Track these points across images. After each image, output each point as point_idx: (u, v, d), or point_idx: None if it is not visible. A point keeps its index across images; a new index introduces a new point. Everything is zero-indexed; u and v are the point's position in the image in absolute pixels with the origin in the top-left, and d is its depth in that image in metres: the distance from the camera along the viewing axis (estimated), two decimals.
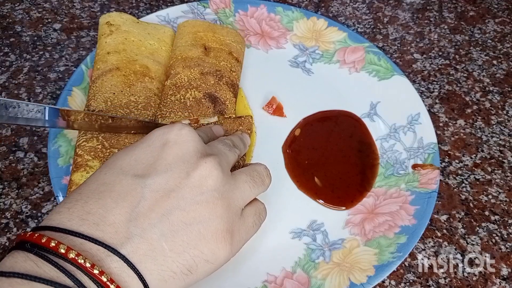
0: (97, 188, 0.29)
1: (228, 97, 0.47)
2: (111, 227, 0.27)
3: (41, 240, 0.25)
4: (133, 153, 0.31)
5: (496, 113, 0.57)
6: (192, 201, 0.29)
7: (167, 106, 0.45)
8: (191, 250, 0.29)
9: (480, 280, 0.44)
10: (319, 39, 0.58)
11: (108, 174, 0.30)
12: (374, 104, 0.54)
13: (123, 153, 0.32)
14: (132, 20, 0.51)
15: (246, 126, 0.46)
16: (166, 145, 0.31)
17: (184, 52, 0.49)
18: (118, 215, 0.28)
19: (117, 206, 0.28)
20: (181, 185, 0.30)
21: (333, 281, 0.40)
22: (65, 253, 0.25)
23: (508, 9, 0.69)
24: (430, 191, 0.45)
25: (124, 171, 0.30)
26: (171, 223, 0.29)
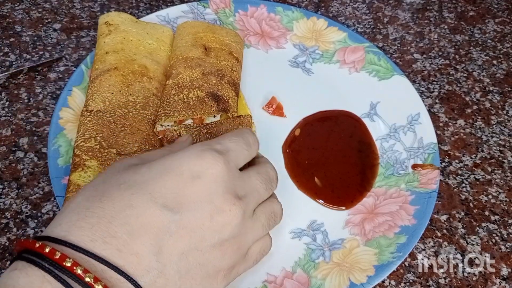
0: (123, 209, 0.27)
1: (231, 96, 0.47)
2: (134, 257, 0.26)
3: (63, 263, 0.24)
4: (163, 180, 0.29)
5: (496, 113, 0.57)
6: (210, 244, 0.29)
7: (170, 105, 0.45)
8: (197, 286, 0.29)
9: (480, 280, 0.44)
10: (319, 39, 0.58)
11: (135, 197, 0.28)
12: (374, 104, 0.54)
13: (153, 174, 0.30)
14: (130, 20, 0.51)
15: (246, 125, 0.46)
16: (196, 179, 0.29)
17: (184, 52, 0.49)
18: (142, 246, 0.27)
19: (142, 236, 0.27)
20: (204, 227, 0.29)
21: (333, 281, 0.40)
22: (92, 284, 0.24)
23: (508, 9, 0.69)
24: (430, 191, 0.45)
25: (153, 198, 0.28)
26: (188, 262, 0.29)
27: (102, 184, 0.29)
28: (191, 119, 0.45)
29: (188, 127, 0.44)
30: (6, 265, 0.41)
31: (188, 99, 0.45)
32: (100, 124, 0.43)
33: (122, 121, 0.44)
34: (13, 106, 0.52)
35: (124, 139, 0.43)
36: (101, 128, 0.43)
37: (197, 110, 0.45)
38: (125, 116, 0.44)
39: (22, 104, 0.52)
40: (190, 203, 0.29)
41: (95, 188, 0.29)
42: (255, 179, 0.34)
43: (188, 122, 0.45)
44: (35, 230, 0.44)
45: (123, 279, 0.26)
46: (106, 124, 0.43)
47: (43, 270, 0.24)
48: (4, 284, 0.24)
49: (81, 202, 0.28)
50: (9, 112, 0.52)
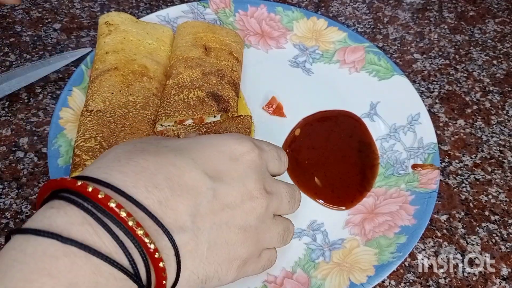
0: (166, 166, 0.27)
1: (231, 96, 0.47)
2: (172, 212, 0.26)
3: (108, 203, 0.23)
4: (206, 151, 0.30)
5: (496, 113, 0.57)
6: (237, 225, 0.30)
7: (171, 105, 0.45)
8: (217, 266, 0.29)
9: (480, 280, 0.44)
10: (319, 39, 0.58)
11: (178, 158, 0.28)
12: (374, 104, 0.54)
13: (195, 145, 0.30)
14: (131, 20, 0.51)
15: (245, 125, 0.46)
16: (233, 161, 0.30)
17: (185, 52, 0.49)
18: (181, 204, 0.27)
19: (183, 194, 0.27)
20: (235, 205, 0.30)
21: (333, 281, 0.40)
22: (133, 228, 0.23)
23: (508, 9, 0.69)
24: (430, 191, 0.45)
25: (196, 163, 0.28)
26: (217, 235, 0.29)
27: (141, 144, 0.29)
28: (191, 119, 0.45)
29: (187, 127, 0.44)
30: None
31: (188, 99, 0.45)
32: (100, 124, 0.43)
33: (122, 121, 0.44)
34: (13, 106, 0.52)
35: (125, 139, 0.43)
36: (101, 128, 0.43)
37: (197, 110, 0.45)
38: (125, 116, 0.44)
39: (22, 104, 0.52)
40: (227, 178, 0.29)
41: (134, 145, 0.28)
42: (282, 188, 0.35)
43: (188, 122, 0.45)
44: None
45: (160, 231, 0.25)
46: (106, 124, 0.43)
47: (84, 211, 0.23)
48: (40, 222, 0.23)
49: (121, 153, 0.27)
50: (9, 112, 0.52)
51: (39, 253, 0.22)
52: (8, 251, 0.22)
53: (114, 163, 0.26)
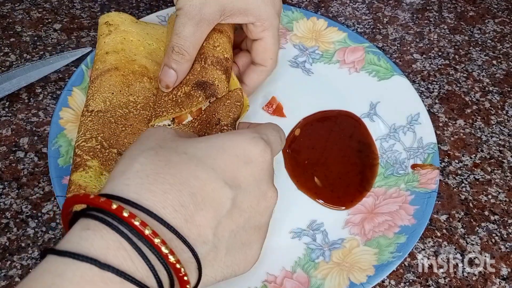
0: (189, 179, 0.27)
1: (216, 76, 0.44)
2: (196, 228, 0.27)
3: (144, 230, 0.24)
4: (223, 156, 0.30)
5: (496, 113, 0.57)
6: (253, 226, 0.31)
7: (161, 106, 0.43)
8: (235, 266, 0.31)
9: (480, 280, 0.44)
10: (319, 39, 0.58)
11: (200, 168, 0.28)
12: (374, 104, 0.54)
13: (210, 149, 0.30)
14: (131, 20, 0.51)
15: (235, 99, 0.43)
16: (248, 164, 0.31)
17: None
18: (204, 218, 0.27)
19: (205, 208, 0.27)
20: (251, 209, 0.31)
21: (333, 281, 0.40)
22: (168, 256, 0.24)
23: (508, 9, 0.69)
24: (429, 191, 0.45)
25: (216, 172, 0.29)
26: (235, 241, 0.30)
27: (161, 149, 0.29)
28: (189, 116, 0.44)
29: (181, 127, 0.43)
30: (7, 264, 0.42)
31: (176, 97, 0.43)
32: (101, 124, 0.43)
33: (123, 121, 0.44)
34: (13, 106, 0.52)
35: (125, 139, 0.43)
36: (102, 128, 0.43)
37: (184, 105, 0.43)
38: (125, 116, 0.44)
39: (22, 104, 0.52)
40: (244, 184, 0.30)
41: (156, 152, 0.29)
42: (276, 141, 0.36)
43: (187, 120, 0.44)
44: (35, 230, 0.44)
45: (186, 249, 0.26)
46: (107, 124, 0.43)
47: (119, 235, 0.24)
48: (77, 244, 0.23)
49: (146, 164, 0.27)
50: (9, 112, 0.52)
51: (77, 278, 0.22)
52: (45, 274, 0.23)
53: (142, 179, 0.26)
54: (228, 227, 0.29)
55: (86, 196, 0.25)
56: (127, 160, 0.28)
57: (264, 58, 0.47)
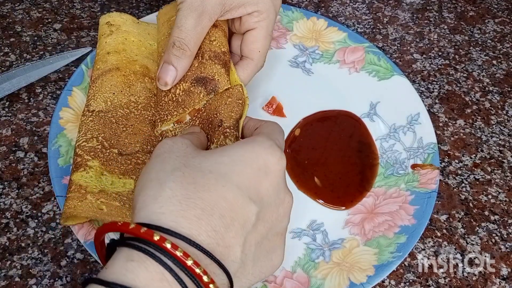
0: (218, 201, 0.28)
1: (216, 70, 0.43)
2: (227, 249, 0.28)
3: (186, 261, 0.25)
4: (246, 171, 0.30)
5: (496, 113, 0.57)
6: (275, 233, 0.32)
7: (163, 108, 0.43)
8: (261, 274, 0.32)
9: (480, 280, 0.44)
10: (319, 39, 0.58)
11: (227, 189, 0.29)
12: (374, 104, 0.54)
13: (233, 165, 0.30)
14: (132, 20, 0.51)
15: (236, 97, 0.42)
16: (268, 175, 0.31)
17: (165, 45, 0.45)
18: (233, 238, 0.28)
19: (234, 227, 0.28)
20: (273, 218, 0.32)
21: (333, 281, 0.40)
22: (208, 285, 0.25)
23: (508, 9, 0.69)
24: (429, 191, 0.45)
25: (241, 189, 0.29)
26: (260, 251, 0.31)
27: (186, 169, 0.29)
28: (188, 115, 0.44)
29: (182, 126, 0.43)
30: (7, 264, 0.42)
31: (176, 96, 0.42)
32: (101, 124, 0.43)
33: (123, 122, 0.44)
34: (13, 106, 0.52)
35: (126, 139, 0.43)
36: (102, 128, 0.43)
37: (186, 105, 0.42)
38: (126, 116, 0.44)
39: (22, 104, 0.52)
40: (266, 197, 0.31)
41: (183, 173, 0.29)
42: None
43: (187, 120, 0.44)
44: (35, 230, 0.44)
45: (220, 272, 0.27)
46: (108, 124, 0.43)
47: (162, 266, 0.24)
48: (123, 276, 0.24)
49: (176, 188, 0.28)
50: (9, 112, 0.52)
51: None
52: None
53: (176, 206, 0.27)
54: (254, 241, 0.30)
55: (126, 225, 0.26)
56: (155, 184, 0.29)
57: (252, 49, 0.45)
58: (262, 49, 0.46)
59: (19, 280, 0.41)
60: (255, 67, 0.46)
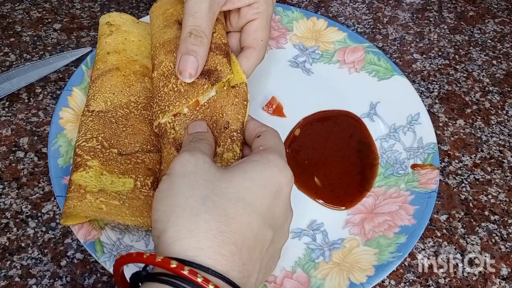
0: (246, 232, 0.30)
1: (218, 61, 0.42)
2: (249, 278, 0.30)
3: None
4: (266, 199, 0.32)
5: (496, 113, 0.57)
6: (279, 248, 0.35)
7: (163, 100, 0.41)
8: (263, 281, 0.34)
9: (480, 280, 0.44)
10: (319, 39, 0.58)
11: (252, 218, 0.30)
12: (373, 104, 0.54)
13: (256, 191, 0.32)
14: (132, 21, 0.51)
15: (242, 97, 0.42)
16: (280, 196, 0.33)
17: (160, 37, 0.45)
18: (254, 267, 0.30)
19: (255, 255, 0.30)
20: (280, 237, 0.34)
21: (332, 281, 0.40)
22: None
23: (508, 9, 0.69)
24: (429, 191, 0.45)
25: (263, 217, 0.31)
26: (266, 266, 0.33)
27: (215, 197, 0.30)
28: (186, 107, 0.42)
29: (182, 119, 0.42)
30: (7, 264, 0.42)
31: (178, 86, 0.41)
32: (101, 124, 0.43)
33: (123, 122, 0.44)
34: (13, 106, 0.52)
35: (126, 139, 0.43)
36: (102, 128, 0.43)
37: (189, 95, 0.41)
38: (126, 116, 0.44)
39: (22, 104, 0.52)
40: (278, 220, 0.33)
41: (213, 203, 0.30)
42: None
43: (185, 112, 0.42)
44: (35, 230, 0.44)
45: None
46: (108, 124, 0.43)
47: None
48: None
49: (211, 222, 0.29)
50: (9, 112, 0.52)
51: None
52: None
53: (212, 242, 0.28)
54: (264, 262, 0.32)
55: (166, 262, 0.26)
56: (188, 213, 0.29)
57: (255, 38, 0.45)
58: (264, 39, 0.46)
59: (19, 280, 0.41)
60: (258, 56, 0.46)
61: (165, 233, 0.29)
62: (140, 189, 0.40)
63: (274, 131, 0.39)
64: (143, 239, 0.41)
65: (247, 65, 0.45)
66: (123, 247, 0.40)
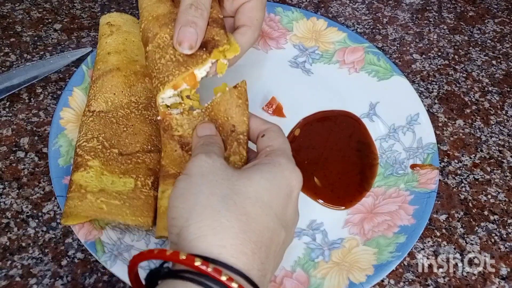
0: (264, 232, 0.30)
1: (215, 33, 0.41)
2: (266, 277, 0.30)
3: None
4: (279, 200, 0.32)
5: (495, 113, 0.57)
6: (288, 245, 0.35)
7: (162, 72, 0.40)
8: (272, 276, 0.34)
9: (479, 280, 0.44)
10: (319, 39, 0.58)
11: (269, 219, 0.31)
12: (373, 104, 0.54)
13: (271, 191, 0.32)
14: (132, 21, 0.51)
15: (243, 95, 0.41)
16: (291, 198, 0.33)
17: (152, 11, 0.43)
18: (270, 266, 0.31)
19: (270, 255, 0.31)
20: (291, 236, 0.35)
21: (332, 281, 0.40)
22: None
23: (507, 9, 0.69)
24: (429, 191, 0.45)
25: (278, 218, 0.32)
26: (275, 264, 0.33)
27: (236, 197, 0.31)
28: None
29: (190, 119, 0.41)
30: (7, 264, 0.42)
31: (176, 57, 0.40)
32: (102, 125, 0.43)
33: (124, 122, 0.44)
34: (14, 106, 0.52)
35: (126, 139, 0.43)
36: (103, 129, 0.43)
37: (189, 64, 0.39)
38: (127, 116, 0.44)
39: (23, 104, 0.53)
40: (290, 221, 0.34)
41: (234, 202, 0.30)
42: None
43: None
44: (36, 230, 0.44)
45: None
46: (109, 124, 0.43)
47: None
48: None
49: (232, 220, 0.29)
50: (10, 112, 0.52)
51: None
52: None
53: (234, 240, 0.29)
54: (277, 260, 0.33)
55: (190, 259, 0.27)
56: (210, 211, 0.30)
57: (250, 17, 0.45)
58: (259, 19, 0.45)
59: (19, 279, 0.41)
60: (253, 35, 0.45)
61: (187, 229, 0.29)
62: (140, 189, 0.41)
63: (278, 128, 0.39)
64: (144, 239, 0.41)
65: (243, 40, 0.44)
66: (123, 246, 0.40)
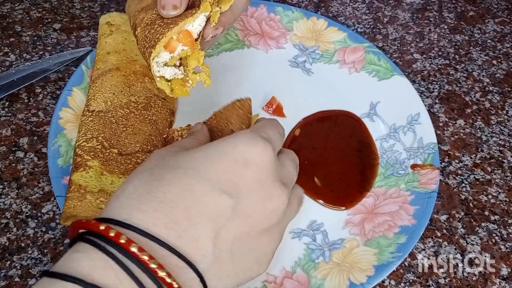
0: (183, 194, 0.27)
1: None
2: (193, 242, 0.27)
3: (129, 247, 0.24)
4: (219, 163, 0.29)
5: (496, 113, 0.57)
6: (260, 229, 0.30)
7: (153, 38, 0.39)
8: (247, 271, 0.30)
9: (480, 280, 0.44)
10: (319, 39, 0.58)
11: (194, 180, 0.28)
12: (374, 104, 0.54)
13: (206, 158, 0.29)
14: None
15: (246, 109, 0.42)
16: (247, 165, 0.30)
17: (137, 7, 0.43)
18: (202, 232, 0.27)
19: (202, 221, 0.27)
20: (256, 213, 0.30)
21: (333, 281, 0.40)
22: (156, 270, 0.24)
23: (508, 9, 0.69)
24: (430, 191, 0.45)
25: (211, 182, 0.28)
26: (240, 248, 0.29)
27: (157, 169, 0.29)
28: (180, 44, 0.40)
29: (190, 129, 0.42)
30: (7, 264, 0.42)
31: (164, 23, 0.39)
32: (101, 124, 0.43)
33: (123, 122, 0.44)
34: (13, 106, 0.52)
35: (126, 139, 0.43)
36: (102, 128, 0.43)
37: (178, 20, 0.39)
38: (126, 116, 0.44)
39: (22, 104, 0.52)
40: (245, 189, 0.29)
41: (151, 172, 0.29)
42: (289, 165, 0.34)
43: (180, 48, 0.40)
44: (35, 230, 0.44)
45: (183, 265, 0.26)
46: (108, 124, 0.43)
47: (107, 255, 0.24)
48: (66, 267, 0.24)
49: (139, 185, 0.28)
50: (9, 112, 0.52)
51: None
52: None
53: (133, 200, 0.27)
54: (231, 236, 0.28)
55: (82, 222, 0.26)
56: (123, 184, 0.29)
57: None
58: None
59: (18, 280, 0.41)
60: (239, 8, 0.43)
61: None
62: None
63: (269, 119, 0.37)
64: None
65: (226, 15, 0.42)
66: None
